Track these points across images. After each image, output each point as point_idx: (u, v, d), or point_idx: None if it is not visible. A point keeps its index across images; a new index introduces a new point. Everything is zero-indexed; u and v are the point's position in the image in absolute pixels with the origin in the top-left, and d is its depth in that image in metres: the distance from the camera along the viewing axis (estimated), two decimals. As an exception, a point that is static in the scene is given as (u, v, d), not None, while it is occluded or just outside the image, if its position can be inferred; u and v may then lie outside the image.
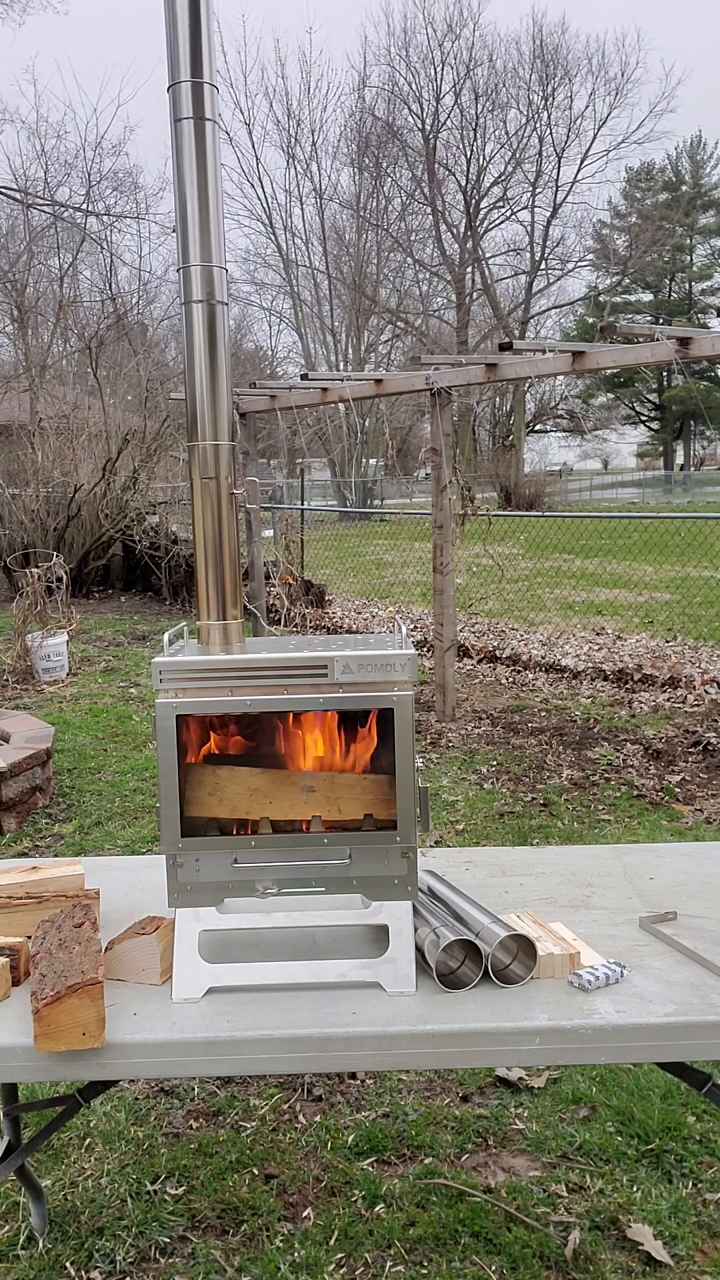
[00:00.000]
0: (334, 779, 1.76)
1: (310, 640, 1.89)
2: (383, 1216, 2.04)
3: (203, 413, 1.83)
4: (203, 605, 1.87)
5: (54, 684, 7.31)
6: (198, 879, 1.68)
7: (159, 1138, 2.32)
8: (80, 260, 18.60)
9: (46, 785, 4.77)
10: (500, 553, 7.82)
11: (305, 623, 9.63)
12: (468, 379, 5.87)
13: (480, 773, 4.94)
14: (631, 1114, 2.34)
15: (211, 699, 1.67)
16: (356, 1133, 2.30)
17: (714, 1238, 1.98)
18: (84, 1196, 2.13)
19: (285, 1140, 2.29)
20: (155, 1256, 1.95)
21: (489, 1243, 1.96)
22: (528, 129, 31.77)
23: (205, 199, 1.79)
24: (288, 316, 33.33)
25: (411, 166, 32.04)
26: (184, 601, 11.10)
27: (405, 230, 32.41)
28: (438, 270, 33.03)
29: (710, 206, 36.85)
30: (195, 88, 1.76)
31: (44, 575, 7.75)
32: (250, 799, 1.75)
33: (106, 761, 5.40)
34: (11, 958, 1.61)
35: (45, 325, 18.59)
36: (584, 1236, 1.97)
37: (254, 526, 8.46)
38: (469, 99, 31.47)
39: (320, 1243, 1.97)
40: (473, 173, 32.21)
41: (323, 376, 7.23)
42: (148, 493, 12.15)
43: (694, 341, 4.91)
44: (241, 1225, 2.02)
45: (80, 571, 11.75)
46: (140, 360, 14.58)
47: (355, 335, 31.86)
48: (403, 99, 31.50)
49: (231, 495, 1.85)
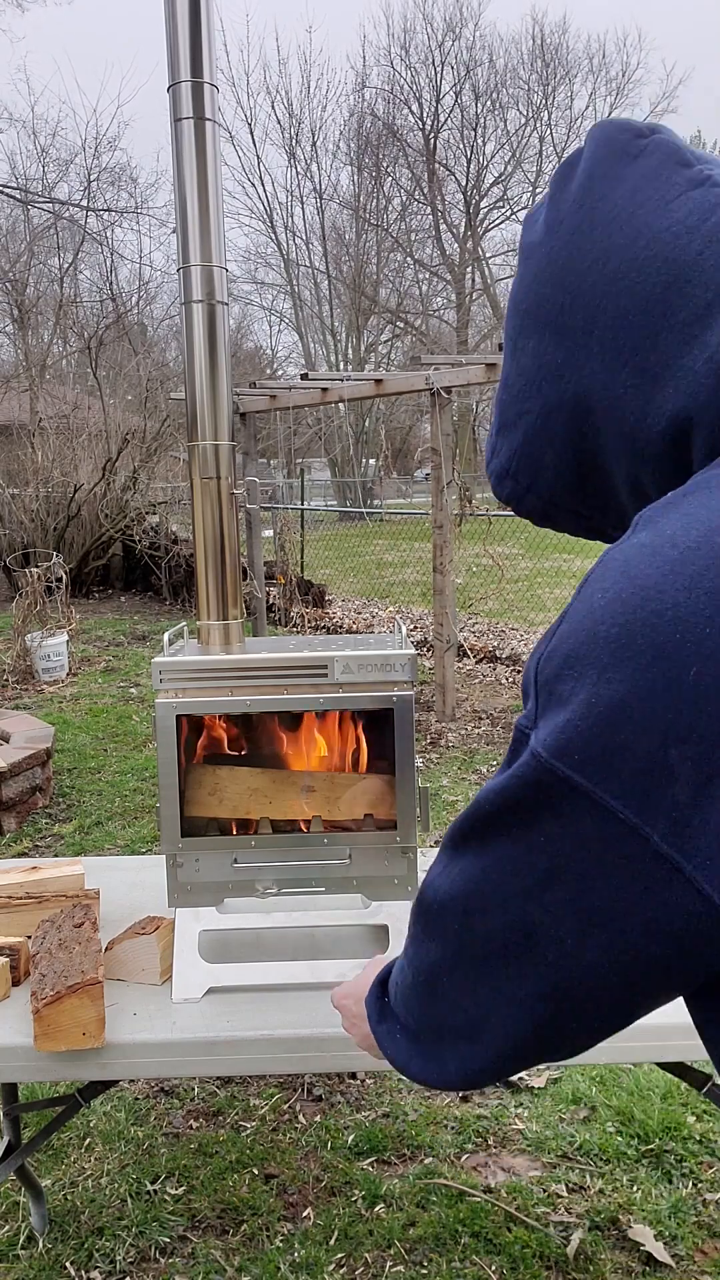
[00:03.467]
0: (334, 779, 1.76)
1: (310, 640, 1.89)
2: (383, 1216, 2.04)
3: (203, 413, 1.83)
4: (203, 605, 1.87)
5: (54, 684, 7.31)
6: (198, 879, 1.68)
7: (159, 1138, 2.31)
8: (80, 260, 18.62)
9: (46, 785, 4.77)
10: (500, 552, 7.83)
11: (305, 623, 9.64)
12: (468, 379, 5.87)
13: (480, 773, 4.94)
14: (631, 1114, 2.34)
15: (211, 699, 1.67)
16: (356, 1133, 2.30)
17: (714, 1238, 1.98)
18: (84, 1196, 2.13)
19: (285, 1140, 2.29)
20: (155, 1256, 1.95)
21: (489, 1243, 1.96)
22: (528, 129, 31.79)
23: (205, 199, 1.79)
24: (288, 316, 33.36)
25: (411, 166, 32.06)
26: (184, 601, 11.10)
27: (405, 230, 32.42)
28: (438, 270, 33.04)
29: (710, 206, 36.94)
30: (195, 87, 1.76)
31: (44, 575, 7.75)
32: (250, 799, 1.75)
33: (106, 761, 5.40)
34: (11, 958, 1.61)
35: (45, 325, 18.60)
36: (584, 1237, 1.97)
37: (254, 526, 8.46)
38: (469, 99, 31.50)
39: (320, 1243, 1.97)
40: (473, 173, 32.23)
41: (323, 376, 7.23)
42: (148, 493, 12.14)
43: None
44: (241, 1225, 2.02)
45: (80, 571, 11.74)
46: (140, 360, 14.57)
47: (355, 335, 31.87)
48: (403, 99, 31.54)
49: (231, 495, 1.85)
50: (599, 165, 0.77)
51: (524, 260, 0.82)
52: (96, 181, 17.70)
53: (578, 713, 0.60)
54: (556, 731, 0.61)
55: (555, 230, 0.78)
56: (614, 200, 0.75)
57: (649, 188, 0.74)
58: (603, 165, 0.77)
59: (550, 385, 0.79)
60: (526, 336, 0.81)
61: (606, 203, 0.75)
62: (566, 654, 0.62)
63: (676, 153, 0.75)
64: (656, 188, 0.73)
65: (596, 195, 0.76)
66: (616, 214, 0.74)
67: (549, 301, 0.78)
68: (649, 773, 0.58)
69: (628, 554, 0.63)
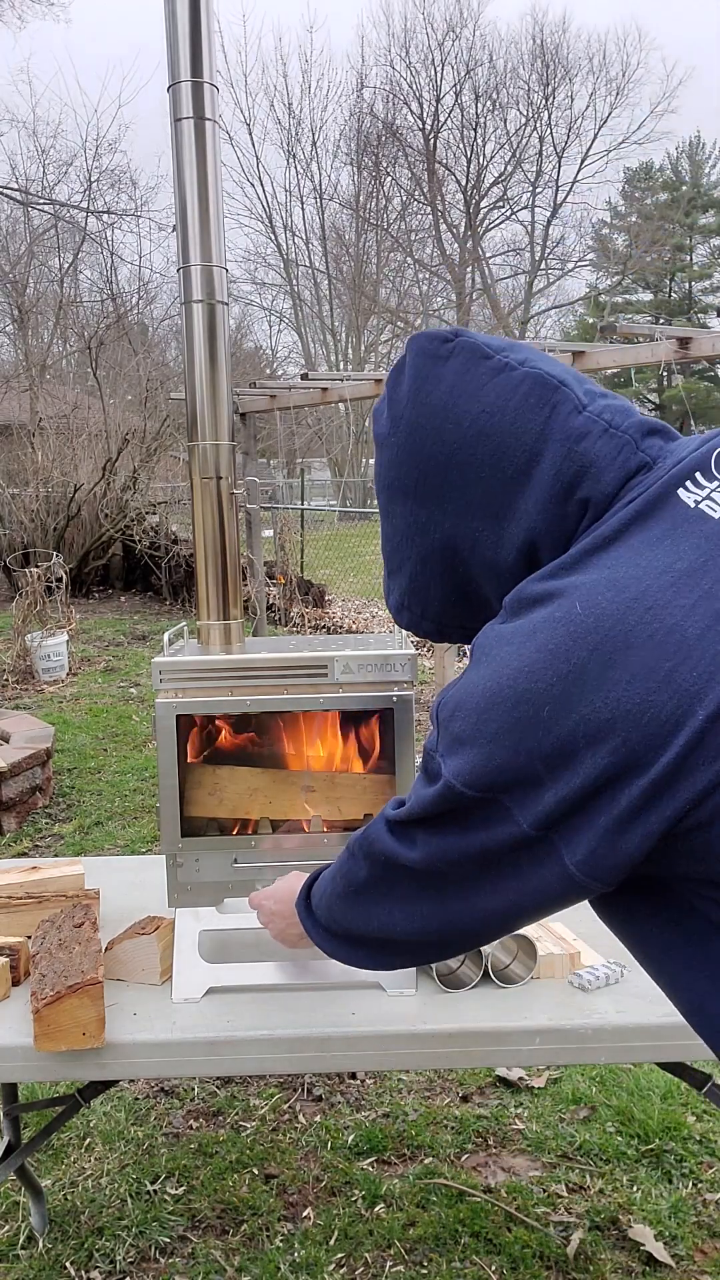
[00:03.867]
0: (334, 779, 1.76)
1: (310, 640, 1.89)
2: (383, 1216, 2.04)
3: (203, 413, 1.83)
4: (203, 605, 1.87)
5: (54, 684, 7.31)
6: (198, 879, 1.68)
7: (159, 1138, 2.31)
8: (80, 260, 18.61)
9: (46, 785, 4.77)
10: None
11: (305, 623, 9.64)
12: (468, 379, 5.87)
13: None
14: (631, 1114, 2.34)
15: (211, 699, 1.67)
16: (356, 1133, 2.30)
17: (714, 1238, 1.98)
18: (84, 1196, 2.13)
19: (285, 1140, 2.29)
20: (155, 1256, 1.95)
21: (489, 1243, 1.96)
22: (528, 129, 31.77)
23: (205, 199, 1.79)
24: (288, 316, 33.35)
25: (411, 166, 32.04)
26: (184, 601, 11.09)
27: (405, 230, 32.41)
28: (438, 270, 33.02)
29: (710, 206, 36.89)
30: (195, 87, 1.76)
31: (44, 575, 7.75)
32: (250, 799, 1.75)
33: (106, 761, 5.40)
34: (11, 958, 1.61)
35: (45, 325, 18.59)
36: (584, 1237, 1.97)
37: (254, 526, 8.46)
38: (469, 99, 31.48)
39: (320, 1243, 1.97)
40: (473, 173, 32.22)
41: (323, 376, 7.24)
42: (148, 493, 12.14)
43: (694, 341, 4.91)
44: (241, 1225, 2.02)
45: (80, 571, 11.74)
46: (140, 360, 14.56)
47: (355, 335, 31.86)
48: (403, 99, 31.52)
49: (231, 495, 1.86)
50: (419, 370, 1.03)
51: (379, 448, 1.07)
52: (97, 183, 17.70)
53: (476, 754, 0.87)
54: (463, 768, 0.88)
55: (398, 425, 1.04)
56: (438, 395, 1.00)
57: (462, 382, 0.99)
58: (423, 370, 1.02)
59: (421, 538, 1.03)
60: (394, 504, 1.06)
61: (433, 398, 1.00)
62: (455, 707, 0.90)
63: (478, 349, 1.00)
64: (467, 381, 0.99)
65: (424, 394, 1.01)
66: (442, 406, 0.99)
67: (407, 478, 1.03)
68: (523, 784, 0.84)
69: (500, 642, 0.89)
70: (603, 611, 0.81)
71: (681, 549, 0.84)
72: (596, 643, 0.80)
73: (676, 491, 0.89)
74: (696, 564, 0.82)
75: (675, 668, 0.78)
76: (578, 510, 0.93)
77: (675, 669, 0.77)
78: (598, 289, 35.85)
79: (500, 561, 0.98)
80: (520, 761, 0.83)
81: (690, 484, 0.89)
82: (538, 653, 0.83)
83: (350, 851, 1.10)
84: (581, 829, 0.82)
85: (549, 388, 0.96)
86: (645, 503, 0.89)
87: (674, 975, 0.92)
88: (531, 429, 0.94)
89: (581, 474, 0.92)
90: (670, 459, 0.93)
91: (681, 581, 0.81)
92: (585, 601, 0.83)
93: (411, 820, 0.96)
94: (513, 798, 0.84)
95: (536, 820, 0.83)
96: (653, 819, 0.79)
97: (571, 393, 0.96)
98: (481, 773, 0.86)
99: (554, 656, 0.82)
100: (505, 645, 0.87)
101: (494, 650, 0.89)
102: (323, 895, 1.18)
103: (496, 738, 0.84)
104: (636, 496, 0.90)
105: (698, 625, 0.79)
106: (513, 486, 0.95)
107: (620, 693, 0.78)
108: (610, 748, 0.78)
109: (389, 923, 1.04)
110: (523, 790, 0.83)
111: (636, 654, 0.79)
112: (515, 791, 0.84)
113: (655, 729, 0.77)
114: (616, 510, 0.90)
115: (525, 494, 0.94)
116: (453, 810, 0.90)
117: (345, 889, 1.11)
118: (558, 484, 0.93)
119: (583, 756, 0.80)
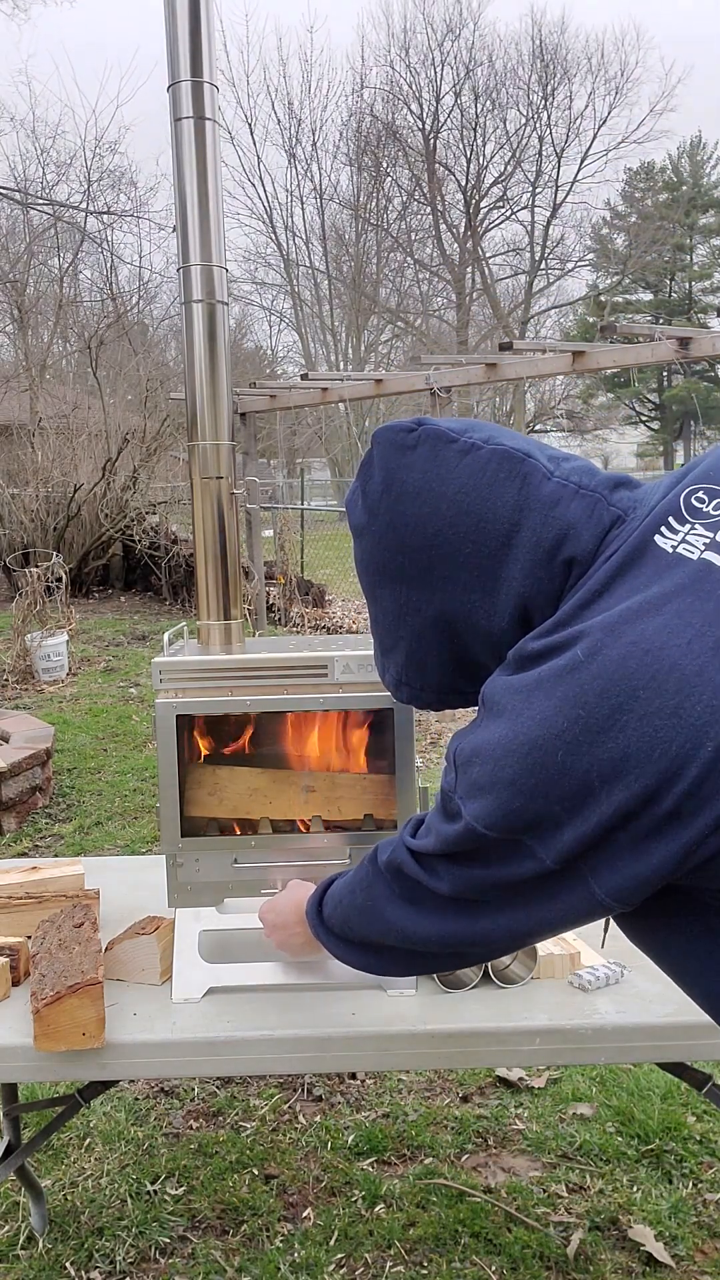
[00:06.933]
0: (334, 779, 1.76)
1: (310, 640, 1.89)
2: (383, 1217, 2.04)
3: (203, 413, 1.83)
4: (203, 605, 1.86)
5: (54, 684, 7.31)
6: (198, 879, 1.68)
7: (159, 1138, 2.31)
8: (80, 260, 18.61)
9: (46, 785, 4.77)
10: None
11: (305, 622, 9.64)
12: (468, 379, 5.88)
13: (480, 773, 4.94)
14: (631, 1114, 2.34)
15: (211, 699, 1.67)
16: (356, 1133, 2.30)
17: (714, 1238, 1.98)
18: (84, 1196, 2.13)
19: (285, 1140, 2.29)
20: (155, 1256, 1.95)
21: (489, 1243, 1.96)
22: (528, 129, 31.73)
23: (205, 199, 1.78)
24: (288, 316, 33.33)
25: (411, 166, 32.02)
26: (184, 601, 11.09)
27: (405, 230, 32.39)
28: (438, 270, 33.01)
29: (710, 206, 36.88)
30: (195, 87, 1.76)
31: (44, 575, 7.75)
32: (250, 799, 1.75)
33: (106, 761, 5.40)
34: (11, 958, 1.61)
35: (45, 325, 18.59)
36: (584, 1237, 1.97)
37: (254, 526, 8.46)
38: (469, 99, 31.46)
39: (320, 1243, 1.96)
40: (473, 173, 32.21)
41: (323, 376, 7.24)
42: (148, 493, 12.13)
43: (694, 341, 4.92)
44: (241, 1225, 2.02)
45: (80, 571, 11.73)
46: (140, 360, 14.56)
47: (355, 335, 31.85)
48: (402, 99, 31.50)
49: (231, 495, 1.85)
50: (389, 461, 1.08)
51: (358, 538, 1.12)
52: (97, 184, 17.70)
53: (495, 800, 0.92)
54: (482, 813, 0.93)
55: (376, 514, 1.08)
56: (411, 482, 1.05)
57: (433, 467, 1.04)
58: (392, 460, 1.07)
59: (413, 617, 1.08)
60: (381, 589, 1.11)
61: (408, 485, 1.05)
62: (472, 754, 0.96)
63: (442, 434, 1.05)
64: (437, 466, 1.04)
65: (397, 482, 1.06)
66: (417, 491, 1.04)
67: (390, 563, 1.08)
68: (543, 824, 0.89)
69: (510, 692, 0.95)
70: (605, 658, 0.87)
71: (668, 592, 0.89)
72: (603, 688, 0.86)
73: (653, 539, 0.94)
74: (685, 605, 0.87)
75: (680, 705, 0.82)
76: (563, 570, 0.98)
77: (680, 706, 0.82)
78: (598, 289, 35.83)
79: (495, 629, 1.03)
80: (538, 805, 0.88)
81: (665, 530, 0.94)
82: (547, 700, 0.89)
83: (375, 867, 1.13)
84: (604, 860, 0.87)
85: (515, 460, 1.01)
86: (626, 554, 0.94)
87: (696, 973, 0.96)
88: (507, 502, 1.00)
89: (562, 537, 0.98)
90: (641, 509, 0.98)
91: (674, 623, 0.86)
92: (588, 651, 0.88)
93: (434, 854, 1.01)
94: (533, 836, 0.89)
95: (559, 856, 0.88)
96: (672, 846, 0.84)
97: (538, 462, 1.01)
98: (501, 816, 0.91)
99: (564, 703, 0.87)
100: (515, 695, 0.92)
101: (505, 700, 0.94)
102: (338, 905, 1.22)
103: (514, 784, 0.89)
104: (616, 550, 0.95)
105: (695, 662, 0.84)
106: (497, 558, 1.01)
107: (630, 732, 0.83)
108: (625, 784, 0.84)
109: (412, 935, 1.09)
110: (543, 830, 0.89)
111: (641, 695, 0.84)
112: (535, 831, 0.89)
113: (666, 764, 0.82)
114: (600, 565, 0.96)
115: (510, 563, 1.00)
116: (476, 849, 0.95)
117: (366, 902, 1.14)
118: (540, 549, 0.98)
119: (599, 795, 0.85)
